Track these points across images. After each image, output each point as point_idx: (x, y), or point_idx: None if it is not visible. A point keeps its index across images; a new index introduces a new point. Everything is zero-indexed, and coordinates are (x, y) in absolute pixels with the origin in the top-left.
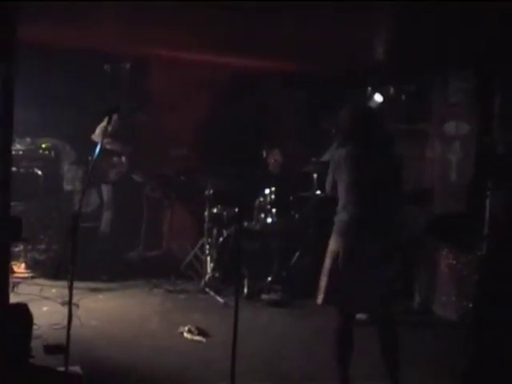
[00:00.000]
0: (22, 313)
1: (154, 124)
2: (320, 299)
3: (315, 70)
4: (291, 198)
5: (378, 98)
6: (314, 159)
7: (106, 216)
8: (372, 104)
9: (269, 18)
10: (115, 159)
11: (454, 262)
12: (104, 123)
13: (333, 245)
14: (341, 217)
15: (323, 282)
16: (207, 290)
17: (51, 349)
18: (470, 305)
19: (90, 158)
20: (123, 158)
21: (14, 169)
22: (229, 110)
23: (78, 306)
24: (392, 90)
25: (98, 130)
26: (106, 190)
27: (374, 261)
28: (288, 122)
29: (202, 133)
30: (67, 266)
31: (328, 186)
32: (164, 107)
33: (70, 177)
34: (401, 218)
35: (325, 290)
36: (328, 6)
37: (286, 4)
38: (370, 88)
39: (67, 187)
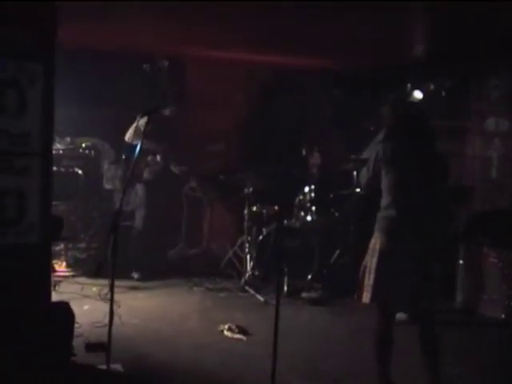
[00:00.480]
0: (64, 311)
1: (193, 122)
2: (368, 298)
3: (353, 67)
4: (331, 195)
5: (418, 94)
6: (353, 157)
7: (139, 214)
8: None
9: (306, 15)
10: (149, 158)
11: (496, 260)
12: (136, 123)
13: (378, 242)
14: (387, 213)
15: (369, 280)
16: (247, 288)
17: (93, 347)
18: None
19: (123, 157)
20: (158, 157)
21: (54, 168)
22: (267, 108)
23: (119, 304)
24: (432, 86)
25: (131, 131)
26: (140, 188)
27: (420, 259)
28: (327, 120)
29: (241, 131)
30: (108, 264)
31: (364, 180)
32: (203, 105)
33: (110, 176)
34: (446, 215)
35: (372, 288)
36: (365, 3)
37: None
38: (409, 85)
39: (107, 186)
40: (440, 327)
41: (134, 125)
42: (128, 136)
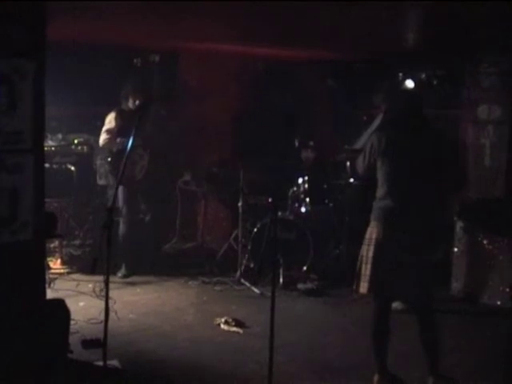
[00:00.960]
0: (60, 308)
1: (186, 115)
2: (365, 288)
3: (345, 57)
4: (325, 186)
5: (410, 83)
6: (346, 147)
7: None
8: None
9: (298, 5)
10: (135, 156)
11: (491, 247)
12: (107, 126)
13: (374, 232)
14: (383, 203)
15: (366, 270)
16: (243, 280)
17: (89, 343)
18: (507, 289)
19: (109, 159)
20: (142, 152)
21: (46, 165)
22: (261, 100)
23: (114, 300)
24: (423, 75)
25: (104, 136)
26: (120, 188)
27: (417, 248)
28: (320, 110)
29: (234, 123)
30: (103, 260)
31: (361, 168)
32: (195, 98)
33: (103, 171)
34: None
35: (369, 278)
36: None
37: None
38: (401, 74)
39: (100, 182)
40: (436, 315)
41: (106, 128)
42: (102, 141)
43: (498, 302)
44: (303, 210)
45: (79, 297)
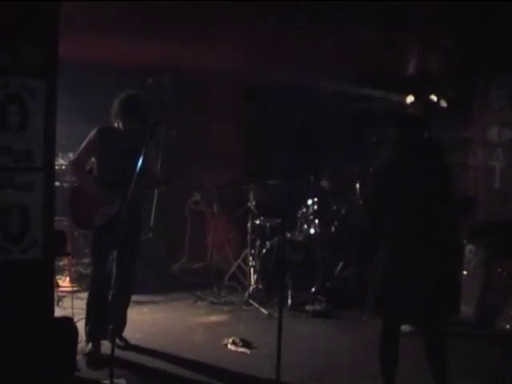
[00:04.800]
0: (67, 327)
1: (196, 136)
2: (372, 310)
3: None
4: (334, 208)
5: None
6: (355, 168)
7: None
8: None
9: (310, 30)
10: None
11: (500, 270)
12: (75, 156)
13: (381, 256)
14: (390, 226)
15: (376, 292)
16: (251, 301)
17: (96, 362)
18: None
19: None
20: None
21: (57, 183)
22: (272, 121)
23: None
24: (434, 97)
25: (71, 169)
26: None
27: (425, 271)
28: (331, 133)
29: (245, 145)
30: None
31: (371, 197)
32: (205, 119)
33: None
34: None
35: (375, 300)
36: (367, 14)
37: (329, 15)
38: (411, 96)
39: None
40: (444, 338)
41: (74, 158)
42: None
43: (508, 326)
44: (312, 231)
45: None
